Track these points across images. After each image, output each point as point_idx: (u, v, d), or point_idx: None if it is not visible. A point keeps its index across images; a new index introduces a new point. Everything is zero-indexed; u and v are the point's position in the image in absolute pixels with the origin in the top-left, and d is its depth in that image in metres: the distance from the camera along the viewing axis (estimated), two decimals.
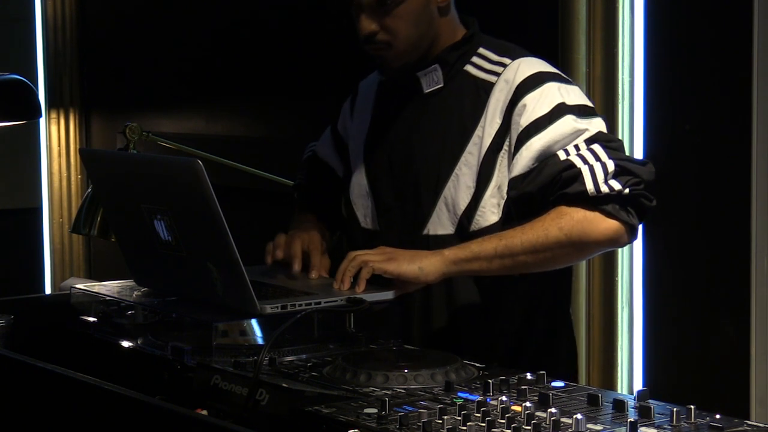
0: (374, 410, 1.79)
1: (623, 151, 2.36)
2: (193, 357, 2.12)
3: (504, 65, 2.43)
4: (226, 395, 1.98)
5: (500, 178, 2.38)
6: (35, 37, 5.38)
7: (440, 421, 1.74)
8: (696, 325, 3.14)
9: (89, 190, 3.26)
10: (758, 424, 1.76)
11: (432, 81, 2.47)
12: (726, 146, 3.04)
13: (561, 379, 1.98)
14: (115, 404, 1.94)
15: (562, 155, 2.31)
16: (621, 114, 3.16)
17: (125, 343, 2.32)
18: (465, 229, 2.40)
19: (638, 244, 3.18)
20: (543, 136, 2.33)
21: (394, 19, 2.41)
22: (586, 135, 2.33)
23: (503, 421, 1.74)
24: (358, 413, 1.79)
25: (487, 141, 2.39)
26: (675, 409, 1.77)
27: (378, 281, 2.30)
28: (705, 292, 3.11)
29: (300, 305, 2.17)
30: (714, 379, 3.09)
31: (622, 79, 3.17)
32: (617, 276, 3.21)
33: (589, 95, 3.22)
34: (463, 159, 2.41)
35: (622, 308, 3.20)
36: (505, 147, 2.38)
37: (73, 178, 5.40)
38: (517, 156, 2.34)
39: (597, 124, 2.36)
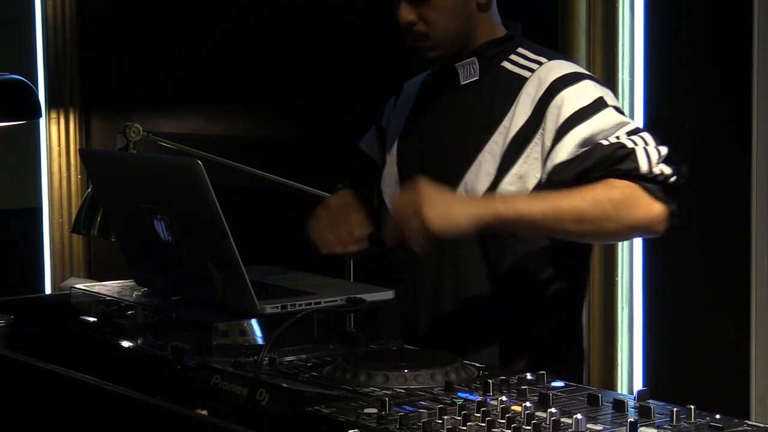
0: (374, 410, 1.79)
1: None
2: (193, 357, 2.12)
3: (539, 63, 2.46)
4: (226, 395, 1.98)
5: (524, 168, 2.39)
6: (35, 37, 5.38)
7: (440, 421, 1.74)
8: (696, 325, 3.14)
9: (89, 190, 3.25)
10: (758, 424, 1.76)
11: (468, 73, 2.51)
12: (726, 146, 3.04)
13: (564, 379, 1.98)
14: (115, 404, 1.94)
15: (605, 143, 2.32)
16: None
17: (125, 343, 2.32)
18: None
19: (638, 244, 3.18)
20: (588, 126, 2.34)
21: (433, 11, 2.45)
22: (628, 127, 2.35)
23: (503, 421, 1.74)
24: (358, 413, 1.79)
25: (514, 130, 2.42)
26: (675, 409, 1.77)
27: (381, 282, 2.30)
28: (705, 292, 3.11)
29: (300, 305, 2.18)
30: (714, 379, 3.09)
31: (622, 79, 3.17)
32: (617, 276, 3.21)
33: None
34: (487, 147, 2.44)
35: (622, 308, 3.20)
36: (536, 140, 2.40)
37: (73, 178, 5.40)
38: (560, 144, 2.35)
39: (632, 123, 2.39)
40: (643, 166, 2.29)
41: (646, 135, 2.35)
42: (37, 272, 5.42)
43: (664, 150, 2.32)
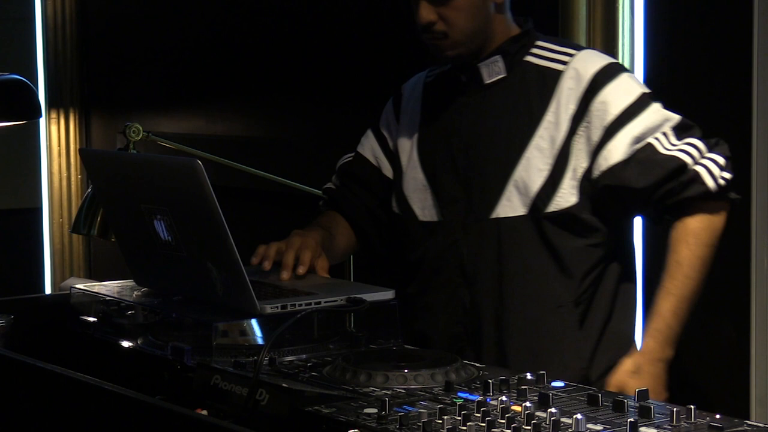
0: (374, 410, 1.79)
1: (703, 134, 2.48)
2: (193, 357, 2.12)
3: (569, 54, 2.51)
4: (226, 395, 1.98)
5: (576, 161, 2.45)
6: (35, 37, 5.38)
7: (440, 421, 1.74)
8: (696, 325, 3.13)
9: (89, 190, 3.26)
10: (758, 424, 1.76)
11: (493, 71, 2.54)
12: None
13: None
14: (115, 404, 1.94)
15: (659, 147, 2.41)
16: None
17: (125, 343, 2.32)
18: (539, 210, 2.46)
19: (638, 244, 3.18)
20: (637, 124, 2.42)
21: (453, 11, 2.48)
22: (672, 122, 2.44)
23: (503, 421, 1.74)
24: (358, 413, 1.79)
25: (564, 126, 2.45)
26: (675, 409, 1.77)
27: (381, 282, 2.30)
28: (705, 291, 3.10)
29: (300, 305, 2.18)
30: (714, 379, 3.08)
31: None
32: None
33: None
34: (533, 143, 2.47)
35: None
36: (580, 132, 2.45)
37: (73, 178, 5.39)
38: (612, 144, 2.42)
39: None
40: (711, 186, 2.40)
41: (697, 142, 2.43)
42: (37, 272, 5.42)
43: (721, 159, 2.41)
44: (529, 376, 1.98)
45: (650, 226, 3.10)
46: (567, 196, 2.45)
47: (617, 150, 2.42)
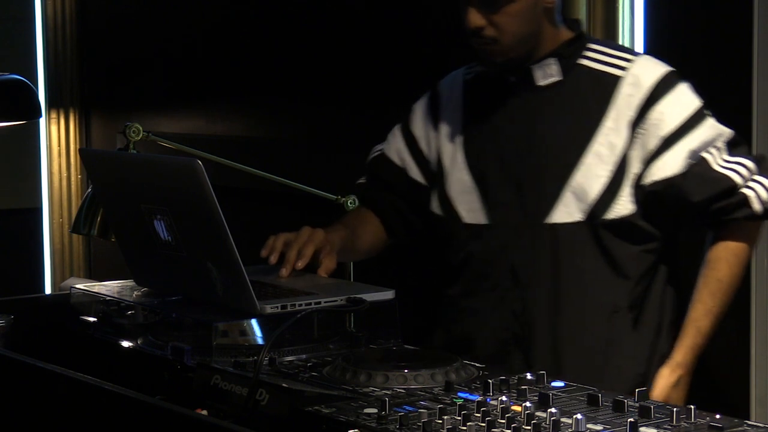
0: (374, 410, 1.79)
1: (751, 151, 2.53)
2: (193, 357, 2.12)
3: (627, 60, 2.51)
4: (226, 395, 1.98)
5: (631, 169, 2.46)
6: (35, 37, 5.38)
7: (440, 421, 1.74)
8: None
9: (89, 190, 3.25)
10: (758, 424, 1.76)
11: (547, 74, 2.52)
12: None
13: None
14: (115, 404, 1.94)
15: (712, 162, 2.44)
16: None
17: (125, 343, 2.32)
18: (596, 217, 2.46)
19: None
20: (694, 139, 2.44)
21: (503, 17, 2.46)
22: (724, 137, 2.47)
23: (503, 421, 1.74)
24: (358, 413, 1.79)
25: (623, 133, 2.45)
26: (675, 409, 1.77)
27: (381, 282, 2.30)
28: None
29: (300, 305, 2.17)
30: (714, 379, 3.08)
31: None
32: None
33: None
34: (592, 149, 2.46)
35: None
36: (636, 140, 2.45)
37: (73, 178, 5.39)
38: (668, 155, 2.44)
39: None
40: (758, 210, 2.43)
41: (748, 162, 2.46)
42: (37, 272, 5.42)
43: (767, 181, 2.44)
44: (529, 376, 1.98)
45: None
46: (625, 203, 2.45)
47: (674, 162, 2.43)
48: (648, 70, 2.49)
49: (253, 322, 2.23)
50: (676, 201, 2.45)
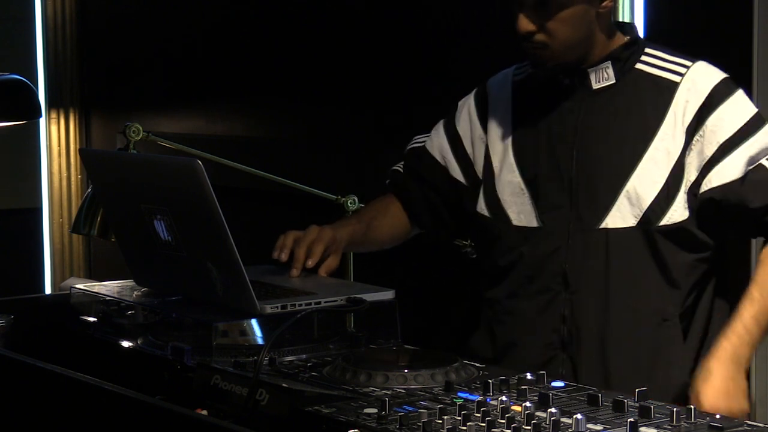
0: (374, 410, 1.79)
1: None
2: (193, 357, 2.12)
3: (685, 66, 2.48)
4: (226, 395, 1.98)
5: (687, 175, 2.43)
6: (35, 37, 5.38)
7: (440, 421, 1.74)
8: None
9: (89, 190, 3.25)
10: (758, 424, 1.76)
11: (602, 77, 2.49)
12: None
13: None
14: (115, 404, 1.94)
15: None
16: None
17: (125, 343, 2.32)
18: (650, 223, 2.42)
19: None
20: (752, 145, 2.41)
21: (554, 22, 2.42)
22: None
23: (503, 421, 1.74)
24: (358, 413, 1.79)
25: (680, 139, 2.43)
26: (675, 409, 1.77)
27: (381, 282, 2.30)
28: None
29: (300, 305, 2.17)
30: None
31: None
32: None
33: None
34: (648, 154, 2.44)
35: None
36: (693, 146, 2.42)
37: (73, 178, 5.39)
38: (727, 161, 2.40)
39: None
40: None
41: None
42: (37, 272, 5.42)
43: None
44: (529, 376, 1.98)
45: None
46: (681, 210, 2.42)
47: (733, 168, 2.40)
48: (705, 76, 2.47)
49: (253, 322, 2.23)
50: (733, 208, 2.41)
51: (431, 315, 3.64)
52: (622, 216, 2.44)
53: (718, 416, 1.77)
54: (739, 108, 2.44)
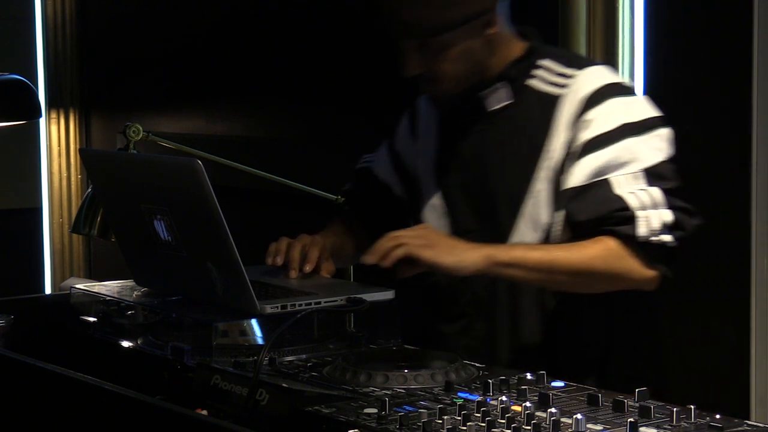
0: (374, 410, 1.79)
1: (679, 192, 2.34)
2: (193, 357, 2.12)
3: (570, 77, 2.40)
4: (226, 395, 1.98)
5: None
6: (35, 37, 5.38)
7: (440, 421, 1.74)
8: (696, 325, 3.14)
9: (89, 190, 3.26)
10: (758, 424, 1.76)
11: (497, 99, 2.44)
12: (726, 146, 3.04)
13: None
14: (115, 404, 1.94)
15: (615, 186, 2.29)
16: None
17: (125, 343, 2.32)
18: (550, 243, 2.37)
19: None
20: (601, 155, 2.31)
21: (439, 62, 2.38)
22: (643, 165, 2.31)
23: (503, 421, 1.74)
24: (358, 413, 1.79)
25: (559, 155, 2.37)
26: (675, 409, 1.77)
27: (381, 282, 2.30)
28: (705, 291, 3.11)
29: (300, 305, 2.18)
30: (714, 379, 3.09)
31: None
32: None
33: None
34: (539, 175, 2.38)
35: None
36: (567, 160, 2.36)
37: (73, 178, 5.39)
38: (572, 168, 2.33)
39: (661, 140, 2.35)
40: (641, 233, 2.26)
41: (656, 193, 2.29)
42: (37, 272, 5.42)
43: (668, 217, 2.28)
44: (529, 376, 1.98)
45: None
46: (558, 226, 2.37)
47: (577, 175, 2.31)
48: (586, 84, 2.36)
49: (253, 322, 2.23)
50: (567, 217, 2.33)
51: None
52: (523, 240, 2.40)
53: (718, 416, 1.77)
54: (604, 116, 2.33)
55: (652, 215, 2.27)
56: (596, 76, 2.39)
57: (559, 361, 2.40)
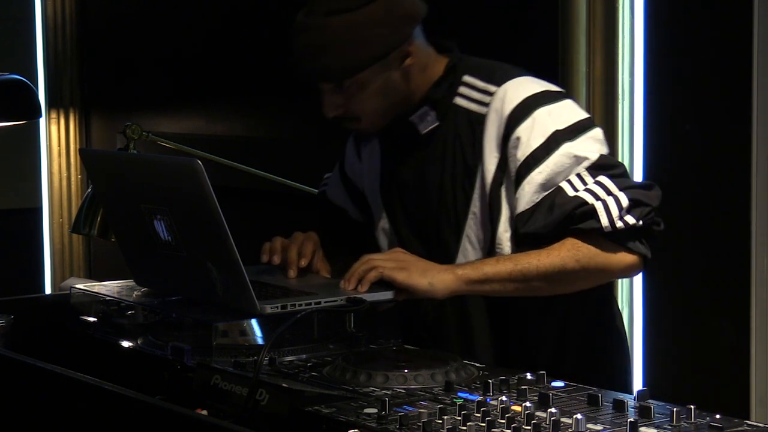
0: (374, 410, 1.79)
1: (628, 176, 2.34)
2: (193, 357, 2.12)
3: (490, 93, 2.37)
4: (226, 395, 1.98)
5: (508, 210, 2.35)
6: (35, 37, 5.38)
7: (440, 421, 1.74)
8: (696, 325, 3.14)
9: (89, 190, 3.26)
10: (758, 424, 1.76)
11: (426, 122, 2.41)
12: (726, 146, 3.04)
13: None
14: (115, 404, 1.94)
15: (568, 189, 2.28)
16: (621, 114, 3.17)
17: (125, 343, 2.32)
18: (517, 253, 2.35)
19: None
20: (543, 169, 2.29)
21: (358, 102, 2.36)
22: (587, 163, 2.30)
23: (503, 421, 1.74)
24: (358, 413, 1.79)
25: (489, 177, 2.35)
26: (675, 409, 1.77)
27: (382, 281, 2.29)
28: (705, 291, 3.11)
29: (300, 305, 2.17)
30: (714, 379, 3.09)
31: (622, 79, 3.17)
32: None
33: (589, 96, 3.21)
34: (475, 196, 2.37)
35: (622, 308, 3.20)
36: (506, 180, 2.34)
37: (73, 178, 5.40)
38: (520, 191, 2.30)
39: (594, 141, 2.32)
40: (605, 223, 2.25)
41: (606, 180, 2.27)
42: (37, 272, 5.42)
43: (624, 199, 2.26)
44: (529, 376, 1.98)
45: None
46: (505, 249, 2.35)
47: (522, 199, 2.30)
48: (505, 102, 2.33)
49: (253, 322, 2.23)
50: (531, 236, 2.30)
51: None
52: (467, 259, 2.38)
53: (718, 416, 1.77)
54: (533, 130, 2.30)
55: (609, 201, 2.26)
56: (515, 91, 2.35)
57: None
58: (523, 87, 2.36)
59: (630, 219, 2.26)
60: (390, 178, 2.51)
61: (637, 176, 3.14)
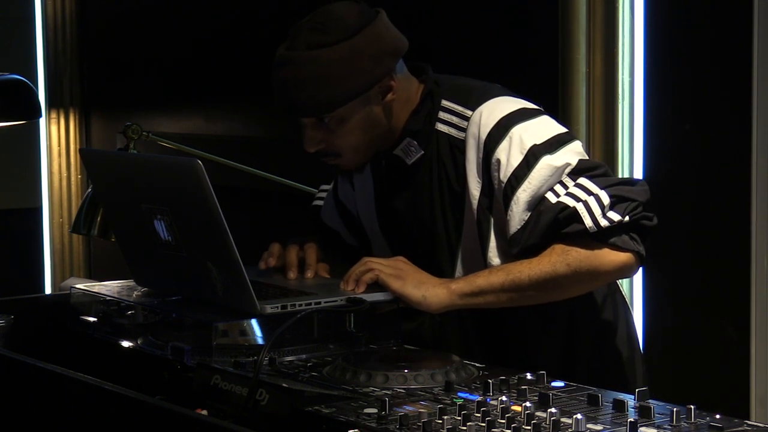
0: (374, 410, 1.79)
1: (611, 174, 2.32)
2: (193, 357, 2.12)
3: (467, 118, 2.36)
4: (226, 395, 1.98)
5: (496, 239, 2.35)
6: (35, 37, 5.38)
7: (440, 421, 1.74)
8: (696, 325, 3.14)
9: (89, 190, 3.26)
10: (758, 424, 1.76)
11: (411, 153, 2.41)
12: (726, 146, 3.04)
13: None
14: (115, 404, 1.95)
15: (551, 197, 2.27)
16: (621, 114, 3.16)
17: (125, 343, 2.32)
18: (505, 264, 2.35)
19: None
20: (526, 187, 2.28)
21: (338, 137, 2.36)
22: (568, 169, 2.29)
23: (503, 421, 1.74)
24: (358, 413, 1.79)
25: (474, 203, 2.35)
26: (675, 409, 1.77)
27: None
28: (705, 292, 3.11)
29: (300, 305, 2.17)
30: (714, 379, 3.09)
31: (622, 79, 3.17)
32: None
33: (589, 96, 3.21)
34: (466, 222, 2.38)
35: None
36: (494, 203, 2.34)
37: (73, 178, 5.40)
38: (509, 213, 2.30)
39: (573, 152, 2.32)
40: (589, 224, 2.23)
41: (586, 181, 2.26)
42: (37, 272, 5.42)
43: (605, 197, 2.24)
44: (529, 376, 1.98)
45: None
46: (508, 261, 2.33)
47: (513, 220, 2.29)
48: (481, 126, 2.32)
49: (253, 322, 2.23)
50: (530, 248, 2.29)
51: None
52: None
53: (718, 416, 1.77)
54: (510, 150, 2.30)
55: (590, 201, 2.24)
56: (489, 114, 2.34)
57: None
58: (497, 108, 2.35)
59: (614, 216, 2.24)
60: (385, 206, 2.51)
61: (638, 176, 3.13)
